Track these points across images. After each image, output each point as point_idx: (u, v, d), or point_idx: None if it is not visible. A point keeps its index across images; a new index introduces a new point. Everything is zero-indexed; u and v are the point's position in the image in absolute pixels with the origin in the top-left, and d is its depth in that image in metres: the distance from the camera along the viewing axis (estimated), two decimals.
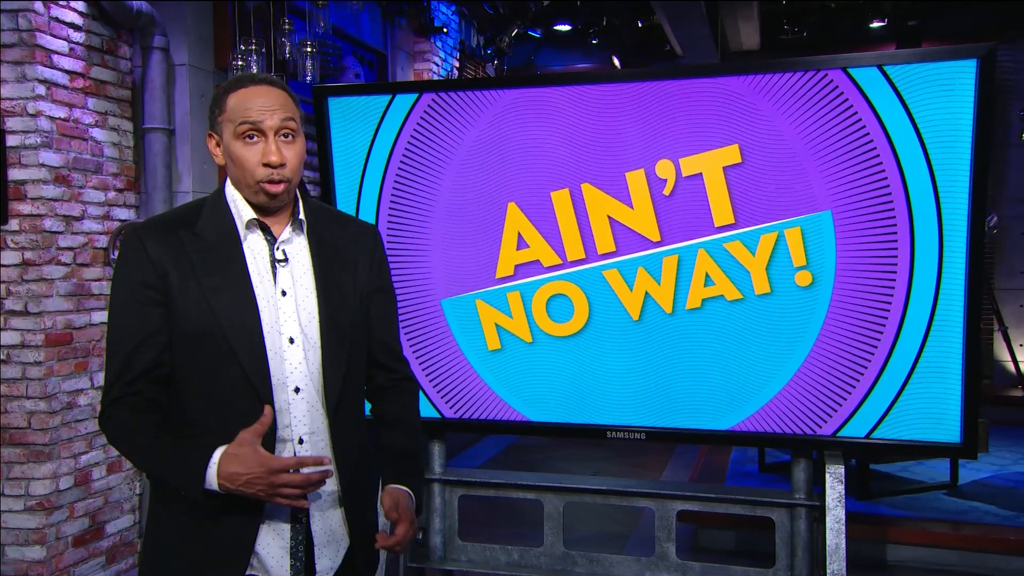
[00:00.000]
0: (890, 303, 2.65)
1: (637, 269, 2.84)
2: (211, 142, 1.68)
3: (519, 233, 2.93)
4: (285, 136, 1.61)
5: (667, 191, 2.80)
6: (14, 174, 3.35)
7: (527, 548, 3.14)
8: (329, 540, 1.69)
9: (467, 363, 3.02)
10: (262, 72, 3.98)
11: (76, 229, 3.53)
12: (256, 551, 1.62)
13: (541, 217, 2.91)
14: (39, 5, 3.32)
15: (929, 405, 2.66)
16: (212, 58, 4.02)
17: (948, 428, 2.66)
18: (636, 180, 2.82)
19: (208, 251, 1.61)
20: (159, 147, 3.76)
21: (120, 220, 3.74)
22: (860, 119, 2.61)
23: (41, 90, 3.34)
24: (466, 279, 2.99)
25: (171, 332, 1.59)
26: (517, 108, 2.90)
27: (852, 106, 2.62)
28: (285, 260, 1.65)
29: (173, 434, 1.60)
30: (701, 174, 2.76)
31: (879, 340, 2.67)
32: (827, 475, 2.76)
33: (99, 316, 3.65)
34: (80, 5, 3.51)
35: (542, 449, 6.26)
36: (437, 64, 6.41)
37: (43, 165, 3.36)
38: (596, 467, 5.80)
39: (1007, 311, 7.40)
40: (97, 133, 3.63)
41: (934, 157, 2.57)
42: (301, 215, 1.69)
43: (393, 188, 3.03)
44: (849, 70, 2.61)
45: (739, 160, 2.73)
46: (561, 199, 2.89)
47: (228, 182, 1.69)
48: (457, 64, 6.80)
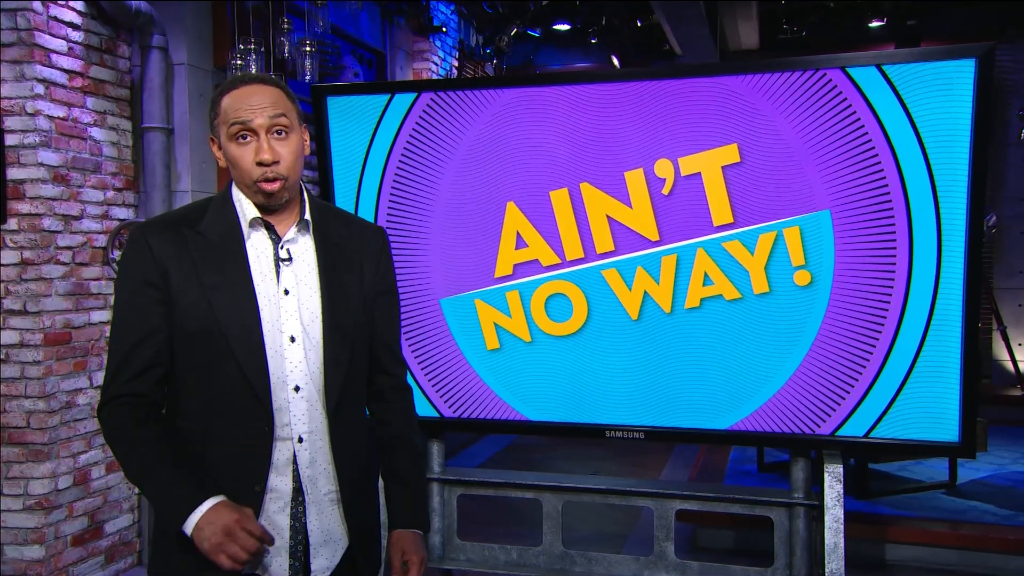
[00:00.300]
0: (888, 303, 2.65)
1: (636, 268, 2.84)
2: (213, 146, 1.68)
3: (518, 232, 2.93)
4: (278, 133, 1.61)
5: (666, 190, 2.80)
6: (13, 173, 3.35)
7: (526, 547, 3.14)
8: (326, 540, 1.69)
9: (466, 362, 3.02)
10: (260, 72, 3.98)
11: (75, 228, 3.53)
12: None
13: (540, 216, 2.91)
14: (38, 4, 3.31)
15: (928, 404, 2.66)
16: (211, 57, 4.02)
17: (947, 427, 2.66)
18: (635, 180, 2.82)
19: (210, 249, 1.62)
20: (158, 146, 3.76)
21: (119, 219, 3.74)
22: (859, 119, 2.62)
23: (40, 89, 3.34)
24: (465, 278, 2.99)
25: (171, 330, 1.60)
26: (516, 108, 2.90)
27: (851, 106, 2.62)
28: (289, 259, 1.66)
29: (171, 441, 1.59)
30: (700, 173, 2.77)
31: (877, 339, 2.67)
32: (826, 474, 2.76)
33: (98, 315, 3.65)
34: (79, 4, 3.51)
35: (541, 448, 6.26)
36: (436, 63, 6.41)
37: (42, 164, 3.36)
38: (595, 466, 5.80)
39: (1006, 310, 7.41)
40: (96, 132, 3.63)
41: (933, 157, 2.57)
42: (307, 215, 1.69)
43: (392, 187, 3.03)
44: (848, 70, 2.61)
45: (738, 160, 2.73)
46: (560, 198, 2.89)
47: (234, 183, 1.70)
48: (456, 63, 6.80)
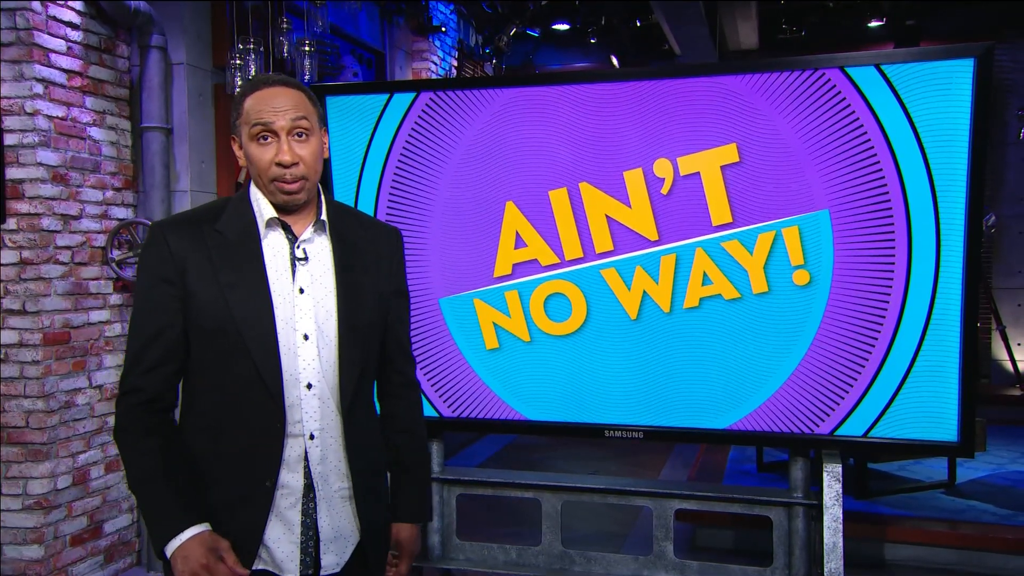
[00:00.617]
0: (887, 302, 2.65)
1: (635, 268, 2.84)
2: (234, 145, 1.71)
3: (517, 232, 2.93)
4: (298, 135, 1.63)
5: (665, 190, 2.80)
6: (12, 173, 3.35)
7: (525, 547, 3.14)
8: (336, 536, 1.70)
9: (465, 362, 3.02)
10: (260, 71, 3.98)
11: (74, 228, 3.52)
12: (266, 544, 1.64)
13: (539, 216, 2.91)
14: (37, 4, 3.31)
15: (926, 404, 2.67)
16: (210, 57, 4.01)
17: (945, 427, 2.66)
18: (634, 179, 2.82)
19: (227, 247, 1.64)
20: (157, 146, 3.76)
21: (118, 219, 3.74)
22: (858, 118, 2.62)
23: (39, 89, 3.34)
24: (464, 278, 2.99)
25: (186, 327, 1.63)
26: (515, 107, 2.90)
27: (850, 105, 2.62)
28: (305, 259, 1.68)
29: (174, 452, 1.63)
30: (699, 173, 2.77)
31: (876, 339, 2.67)
32: (824, 474, 2.76)
33: (97, 315, 3.65)
34: (78, 4, 3.51)
35: (540, 448, 6.26)
36: (435, 63, 6.40)
37: (41, 164, 3.35)
38: (594, 466, 5.80)
39: (1005, 310, 7.41)
40: (95, 132, 3.63)
41: (931, 156, 2.58)
42: (324, 216, 1.72)
43: (391, 187, 3.03)
44: (847, 69, 2.61)
45: (737, 159, 2.73)
46: (559, 198, 2.89)
47: (252, 182, 1.72)
48: (455, 63, 6.79)
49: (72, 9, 3.48)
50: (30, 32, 3.29)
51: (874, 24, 7.35)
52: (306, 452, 1.66)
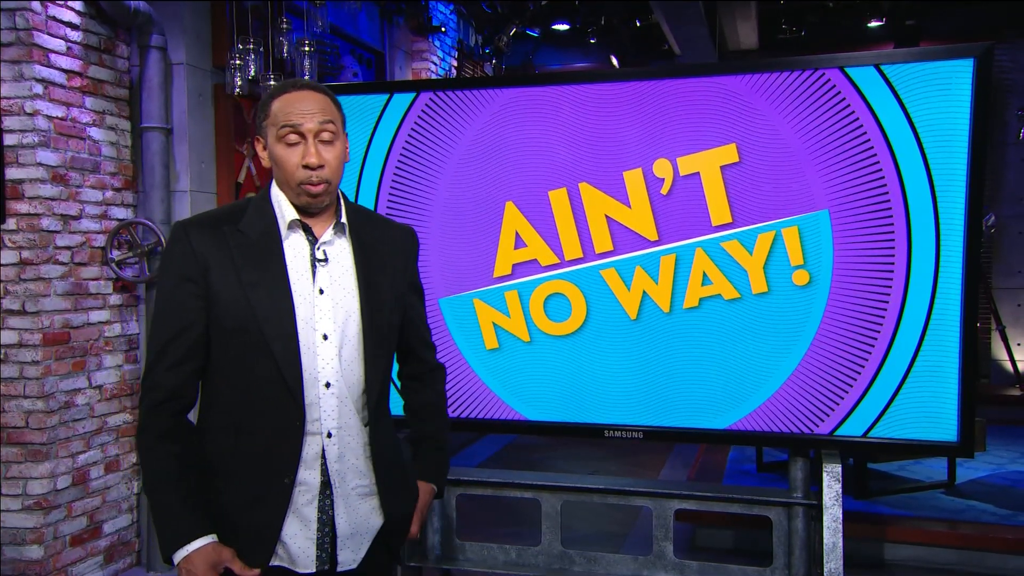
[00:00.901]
0: (887, 302, 2.65)
1: (635, 268, 2.84)
2: (258, 145, 1.74)
3: (517, 232, 2.93)
4: (324, 139, 1.68)
5: (665, 190, 2.81)
6: (12, 173, 3.35)
7: (525, 547, 3.14)
8: (353, 533, 1.74)
9: (465, 362, 3.02)
10: (259, 72, 3.98)
11: (74, 228, 3.52)
12: (283, 540, 1.67)
13: (539, 216, 2.91)
14: (37, 4, 3.31)
15: (926, 404, 2.67)
16: (210, 57, 4.01)
17: (945, 427, 2.66)
18: (634, 179, 2.82)
19: (250, 247, 1.67)
20: (157, 146, 3.76)
21: (118, 219, 3.74)
22: (857, 118, 2.62)
23: (39, 89, 3.34)
24: (464, 278, 2.99)
25: (208, 325, 1.66)
26: (515, 107, 2.91)
27: (849, 105, 2.62)
28: (325, 260, 1.72)
29: (190, 458, 1.66)
30: (699, 173, 2.77)
31: (876, 339, 2.67)
32: (824, 474, 2.76)
33: (97, 315, 3.65)
34: (78, 4, 3.51)
35: (540, 448, 6.26)
36: (435, 63, 6.40)
37: (41, 164, 3.35)
38: (594, 466, 5.80)
39: (1005, 310, 7.41)
40: (95, 132, 3.63)
41: (931, 156, 2.58)
42: (343, 218, 1.75)
43: (391, 187, 3.03)
44: (846, 70, 2.61)
45: (736, 159, 2.73)
46: (559, 198, 2.89)
47: (273, 183, 1.75)
48: (455, 63, 6.79)
49: (72, 9, 3.48)
50: (30, 32, 3.29)
51: (874, 24, 7.35)
52: (323, 450, 1.69)
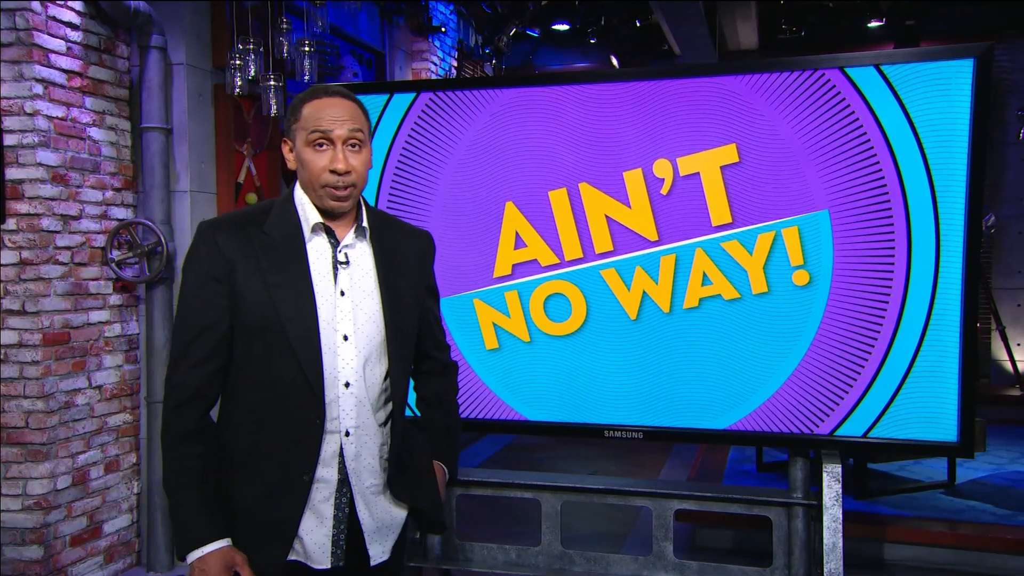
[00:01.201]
0: (887, 302, 2.66)
1: (635, 268, 2.84)
2: (285, 147, 1.78)
3: (516, 233, 2.93)
4: (352, 146, 1.72)
5: (665, 190, 2.81)
6: (12, 173, 3.35)
7: (525, 547, 3.14)
8: (378, 528, 1.79)
9: (465, 363, 3.02)
10: (259, 72, 3.97)
11: (74, 228, 3.52)
12: (300, 536, 1.72)
13: (539, 216, 2.91)
14: (36, 4, 3.31)
15: (926, 404, 2.67)
16: (210, 57, 4.01)
17: (945, 427, 2.66)
18: (634, 179, 2.82)
19: (274, 249, 1.72)
20: (157, 146, 3.76)
21: (118, 219, 3.74)
22: (857, 119, 2.62)
23: (39, 89, 3.34)
24: (464, 279, 2.99)
25: (232, 324, 1.70)
26: (515, 107, 2.91)
27: (849, 105, 2.62)
28: (346, 263, 1.76)
29: (210, 458, 1.71)
30: (699, 173, 2.77)
31: (876, 339, 2.67)
32: (824, 474, 2.76)
33: (97, 315, 3.65)
34: (78, 4, 3.51)
35: (540, 448, 6.26)
36: (435, 63, 6.40)
37: (41, 164, 3.36)
38: (594, 466, 5.80)
39: (1004, 310, 7.41)
40: (95, 132, 3.63)
41: (931, 156, 2.58)
42: (365, 223, 1.80)
43: (390, 187, 3.03)
44: (846, 70, 2.61)
45: (736, 159, 2.73)
46: (559, 198, 2.89)
47: (297, 186, 1.79)
48: (455, 63, 6.79)
49: (72, 9, 3.48)
50: (30, 32, 3.29)
51: (874, 24, 7.35)
52: (341, 448, 1.73)
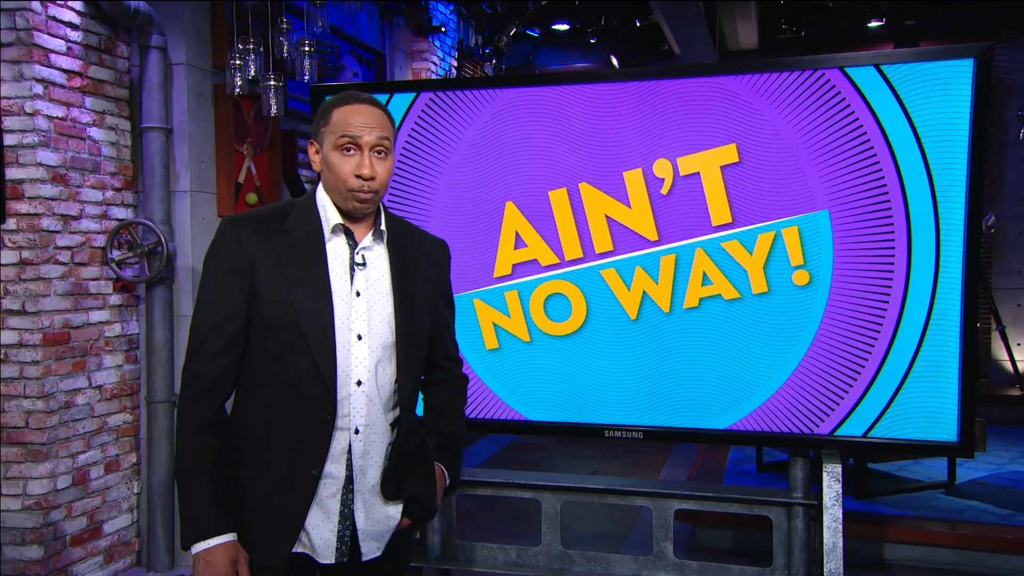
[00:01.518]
0: (887, 302, 2.66)
1: (635, 268, 2.84)
2: (311, 149, 1.82)
3: (516, 232, 2.93)
4: (379, 153, 1.76)
5: (665, 190, 2.81)
6: (12, 173, 3.35)
7: (525, 547, 3.14)
8: (373, 526, 1.81)
9: (465, 363, 3.01)
10: (259, 72, 3.97)
11: (74, 228, 3.52)
12: (306, 530, 1.75)
13: (539, 216, 2.91)
14: (36, 4, 3.31)
15: (926, 404, 2.67)
16: (210, 57, 4.01)
17: (945, 427, 2.66)
18: (634, 179, 2.82)
19: (294, 247, 1.76)
20: (157, 146, 3.76)
21: (118, 219, 3.74)
22: (857, 118, 2.62)
23: (39, 89, 3.34)
24: (463, 278, 2.99)
25: (249, 318, 1.73)
26: (515, 107, 2.91)
27: (849, 105, 2.62)
28: (363, 264, 1.80)
29: (222, 452, 1.73)
30: (699, 173, 2.77)
31: (876, 339, 2.67)
32: (824, 474, 2.76)
33: (97, 315, 3.65)
34: (78, 4, 3.50)
35: (540, 448, 6.26)
36: (435, 63, 6.40)
37: (41, 164, 3.35)
38: (594, 466, 5.80)
39: (1005, 310, 7.41)
40: (95, 132, 3.63)
41: (931, 156, 2.58)
42: (383, 226, 1.84)
43: (391, 187, 3.03)
44: (846, 70, 2.61)
45: (736, 159, 2.73)
46: (559, 198, 2.89)
47: (320, 188, 1.83)
48: (455, 63, 6.79)
49: (72, 9, 3.48)
50: (30, 32, 3.29)
51: (874, 24, 7.35)
52: (350, 445, 1.76)
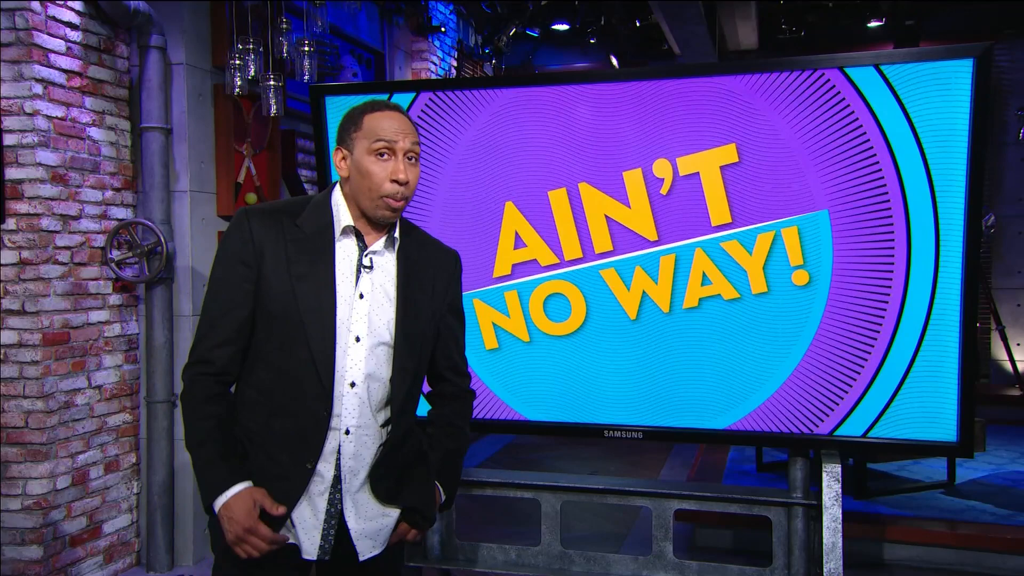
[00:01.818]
0: (887, 302, 2.66)
1: (634, 268, 2.84)
2: (337, 155, 1.82)
3: (516, 232, 2.93)
4: (410, 159, 1.78)
5: (664, 190, 2.81)
6: (11, 173, 3.35)
7: (524, 547, 3.15)
8: (366, 526, 1.81)
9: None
10: (259, 72, 3.97)
11: (73, 228, 3.52)
12: (292, 518, 1.76)
13: (538, 216, 2.91)
14: (36, 4, 3.31)
15: (926, 404, 2.67)
16: (209, 57, 4.01)
17: (945, 427, 2.66)
18: (633, 179, 2.82)
19: (303, 242, 1.77)
20: (156, 146, 3.76)
21: (117, 219, 3.74)
22: (857, 118, 2.62)
23: (38, 89, 3.34)
24: (463, 278, 2.98)
25: (255, 308, 1.76)
26: (514, 107, 2.90)
27: (849, 105, 2.62)
28: (371, 267, 1.81)
29: (229, 421, 1.77)
30: (698, 173, 2.77)
31: (876, 339, 2.67)
32: (824, 474, 2.76)
33: (96, 315, 3.65)
34: (77, 4, 3.50)
35: (540, 448, 6.26)
36: (435, 63, 6.41)
37: (40, 164, 3.35)
38: (593, 466, 5.80)
39: (1004, 310, 7.42)
40: (94, 132, 3.63)
41: (930, 156, 2.58)
42: (396, 233, 1.85)
43: None
44: (846, 69, 2.61)
45: (736, 159, 2.73)
46: (558, 198, 2.89)
47: (337, 189, 1.84)
48: (455, 63, 6.79)
49: (71, 9, 3.48)
50: (30, 32, 3.29)
51: (874, 24, 7.36)
52: (340, 446, 1.77)
